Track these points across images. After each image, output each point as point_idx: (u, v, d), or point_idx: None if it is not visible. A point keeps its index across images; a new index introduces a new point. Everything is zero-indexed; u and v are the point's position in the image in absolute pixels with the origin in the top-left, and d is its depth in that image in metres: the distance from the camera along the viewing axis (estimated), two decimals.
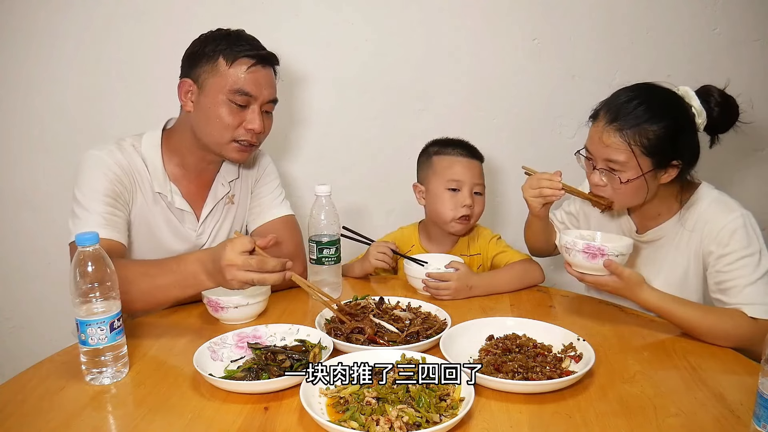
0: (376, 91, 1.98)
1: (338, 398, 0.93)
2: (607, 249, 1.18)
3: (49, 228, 1.97)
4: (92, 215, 1.29)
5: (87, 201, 1.30)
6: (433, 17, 1.93)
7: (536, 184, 1.38)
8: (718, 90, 1.29)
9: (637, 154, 1.22)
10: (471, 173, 1.58)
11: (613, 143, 1.24)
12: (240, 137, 1.37)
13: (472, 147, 1.63)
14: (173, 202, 1.43)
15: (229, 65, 1.34)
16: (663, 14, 1.95)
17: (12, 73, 1.88)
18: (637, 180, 1.24)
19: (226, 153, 1.40)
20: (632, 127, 1.22)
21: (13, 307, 2.06)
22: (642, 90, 1.28)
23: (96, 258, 0.99)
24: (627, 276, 1.19)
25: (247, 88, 1.34)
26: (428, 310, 1.29)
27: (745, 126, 1.31)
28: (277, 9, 1.88)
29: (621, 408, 0.94)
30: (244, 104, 1.36)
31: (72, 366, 1.06)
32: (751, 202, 1.34)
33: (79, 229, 1.26)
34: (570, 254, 1.22)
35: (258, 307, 1.30)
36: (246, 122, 1.36)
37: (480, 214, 1.62)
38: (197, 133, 1.39)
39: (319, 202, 1.40)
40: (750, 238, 1.23)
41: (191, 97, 1.38)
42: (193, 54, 1.38)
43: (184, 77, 1.39)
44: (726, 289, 1.24)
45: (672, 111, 1.25)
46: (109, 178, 1.33)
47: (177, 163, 1.45)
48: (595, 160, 1.30)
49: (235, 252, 1.09)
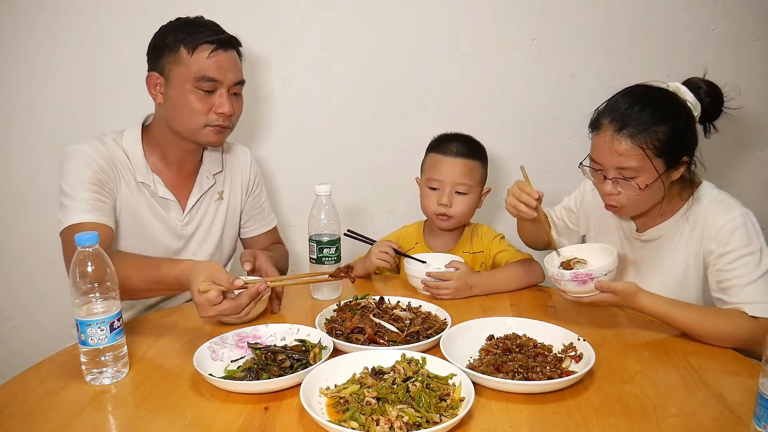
0: (376, 90, 1.98)
1: (338, 398, 0.93)
2: (594, 272, 1.19)
3: (49, 228, 1.95)
4: (79, 202, 1.31)
5: (73, 190, 1.33)
6: (433, 17, 1.93)
7: (517, 194, 1.33)
8: (703, 80, 1.31)
9: (651, 157, 1.22)
10: (453, 173, 1.57)
11: (626, 150, 1.23)
12: (212, 122, 1.39)
13: (470, 145, 1.61)
14: (156, 191, 1.44)
15: (190, 54, 1.35)
16: (663, 14, 1.95)
17: (12, 73, 1.87)
18: (654, 183, 1.24)
19: (202, 138, 1.42)
20: (642, 132, 1.22)
21: (13, 307, 2.06)
22: (639, 93, 1.27)
23: (96, 258, 0.99)
24: (621, 290, 1.19)
25: (211, 73, 1.36)
26: (428, 310, 1.29)
27: (745, 126, 1.31)
28: (276, 10, 1.88)
29: (621, 408, 0.94)
30: (210, 89, 1.37)
31: (72, 366, 1.07)
32: (751, 202, 1.34)
33: (67, 217, 1.31)
34: (561, 284, 1.23)
35: (258, 308, 1.30)
36: (215, 107, 1.38)
37: (465, 213, 1.60)
38: (170, 124, 1.41)
39: (319, 202, 1.40)
40: (750, 236, 1.23)
41: (160, 90, 1.40)
42: (155, 47, 1.40)
43: (151, 71, 1.40)
44: (726, 288, 1.23)
45: (674, 109, 1.25)
46: (92, 168, 1.36)
47: (158, 156, 1.47)
48: (605, 170, 1.28)
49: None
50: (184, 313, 1.36)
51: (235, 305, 1.12)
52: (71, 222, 1.30)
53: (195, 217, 1.52)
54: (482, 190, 1.64)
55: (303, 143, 2.02)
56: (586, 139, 1.35)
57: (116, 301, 1.03)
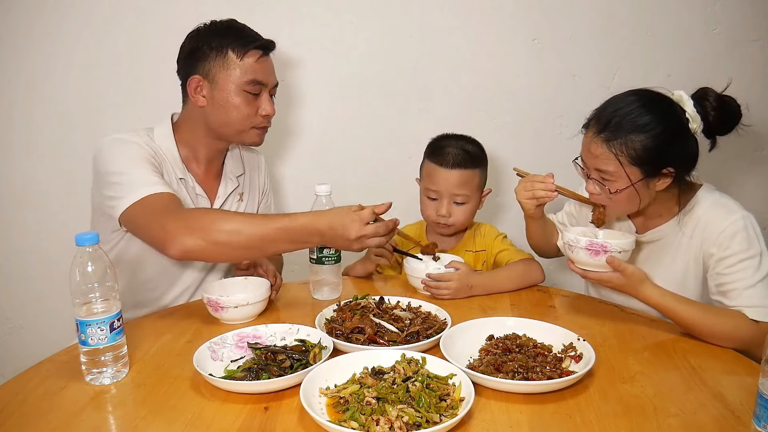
0: (376, 90, 1.98)
1: (338, 398, 0.93)
2: (610, 246, 1.18)
3: (49, 228, 1.97)
4: (143, 174, 1.29)
5: (128, 168, 1.29)
6: (433, 17, 1.93)
7: (529, 186, 1.38)
8: (714, 93, 1.26)
9: (624, 165, 1.22)
10: (449, 184, 1.55)
11: (601, 154, 1.24)
12: (258, 124, 1.46)
13: (467, 152, 1.57)
14: (194, 188, 1.47)
15: (240, 58, 1.39)
16: (663, 14, 1.95)
17: (12, 73, 1.88)
18: (626, 190, 1.24)
19: (248, 139, 1.48)
20: (618, 138, 1.22)
21: (13, 307, 2.06)
22: (632, 99, 1.26)
23: (96, 258, 0.99)
24: (630, 272, 1.19)
25: (259, 77, 1.41)
26: (428, 310, 1.29)
27: (744, 126, 1.31)
28: (276, 10, 1.89)
29: (621, 408, 0.94)
30: (257, 92, 1.43)
31: (72, 366, 1.06)
32: (751, 203, 1.34)
33: (131, 193, 1.25)
34: (573, 251, 1.23)
35: (258, 307, 1.30)
36: (261, 109, 1.44)
37: (464, 220, 1.60)
38: (214, 126, 1.44)
39: (319, 202, 1.40)
40: (751, 240, 1.23)
41: (202, 92, 1.41)
42: (195, 49, 1.40)
43: (192, 74, 1.41)
44: (726, 292, 1.23)
45: (661, 119, 1.23)
46: (144, 150, 1.36)
47: (189, 155, 1.49)
48: (588, 170, 1.30)
49: (363, 224, 1.21)
50: (184, 312, 1.36)
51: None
52: (141, 195, 1.24)
53: None
54: (482, 194, 1.64)
55: (303, 143, 2.03)
56: None
57: (116, 301, 1.03)
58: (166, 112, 1.51)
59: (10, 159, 1.94)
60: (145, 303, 1.50)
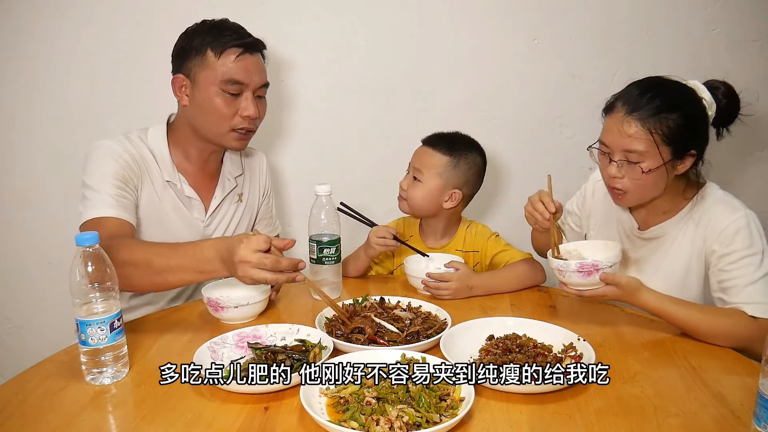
0: (376, 90, 1.98)
1: (338, 398, 0.93)
2: (601, 263, 1.19)
3: (49, 228, 1.97)
4: (102, 196, 1.31)
5: (97, 184, 1.32)
6: (432, 17, 1.93)
7: (536, 204, 1.36)
8: (723, 83, 1.31)
9: (657, 143, 1.22)
10: (415, 159, 1.61)
11: (634, 133, 1.23)
12: (237, 126, 1.41)
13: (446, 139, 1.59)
14: (182, 190, 1.46)
15: (217, 57, 1.36)
16: (663, 14, 1.95)
17: (12, 73, 1.88)
18: (657, 170, 1.24)
19: (226, 142, 1.44)
20: (652, 116, 1.22)
21: (13, 307, 2.06)
22: (655, 83, 1.28)
23: (96, 258, 0.99)
24: (625, 283, 1.19)
25: (238, 76, 1.37)
26: (428, 310, 1.29)
27: (747, 126, 1.31)
28: (276, 10, 1.89)
29: (621, 408, 0.94)
30: (236, 93, 1.39)
31: (72, 366, 1.06)
32: (754, 202, 1.34)
33: (89, 210, 1.30)
34: (564, 276, 1.22)
35: (258, 307, 1.30)
36: (241, 110, 1.40)
37: (415, 199, 1.57)
38: (195, 126, 1.43)
39: (319, 202, 1.40)
40: (753, 237, 1.23)
41: (185, 92, 1.41)
42: (181, 49, 1.40)
43: (177, 73, 1.41)
44: (727, 288, 1.24)
45: (687, 101, 1.26)
46: (118, 163, 1.36)
47: (182, 156, 1.49)
48: (612, 152, 1.28)
49: (250, 249, 1.08)
50: (184, 313, 1.36)
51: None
52: (92, 216, 1.29)
53: (216, 217, 1.53)
54: (444, 187, 1.56)
55: (303, 143, 2.03)
56: (586, 139, 1.35)
57: (116, 301, 1.02)
58: (166, 112, 1.52)
59: (10, 159, 1.94)
60: (145, 303, 1.50)
